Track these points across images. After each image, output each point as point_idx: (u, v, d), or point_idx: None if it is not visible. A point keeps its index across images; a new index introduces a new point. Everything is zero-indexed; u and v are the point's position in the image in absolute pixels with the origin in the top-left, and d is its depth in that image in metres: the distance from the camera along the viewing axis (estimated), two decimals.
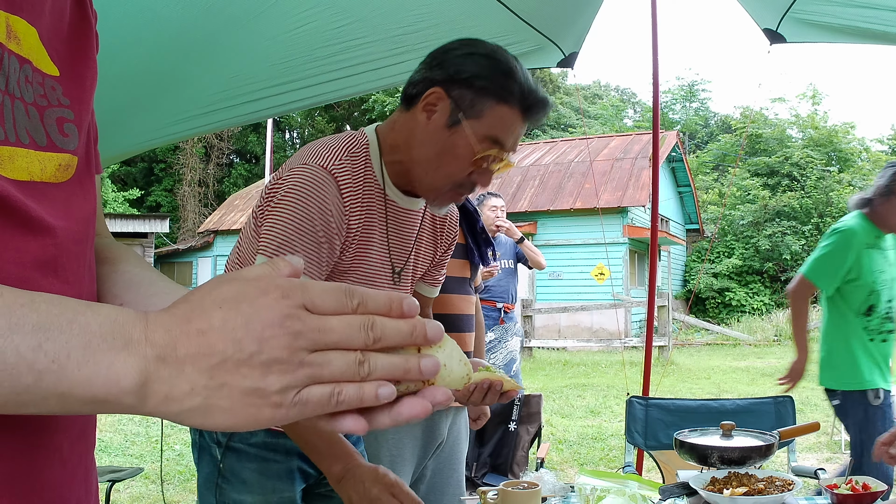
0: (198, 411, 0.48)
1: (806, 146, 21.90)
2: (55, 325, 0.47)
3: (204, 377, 0.48)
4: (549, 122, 33.15)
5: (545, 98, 1.39)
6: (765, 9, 3.01)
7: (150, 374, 0.48)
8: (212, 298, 0.50)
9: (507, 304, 4.96)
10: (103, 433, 6.03)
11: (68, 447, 0.63)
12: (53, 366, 0.46)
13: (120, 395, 0.48)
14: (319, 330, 0.49)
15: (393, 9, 2.71)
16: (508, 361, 4.86)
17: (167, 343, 0.48)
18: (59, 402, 0.48)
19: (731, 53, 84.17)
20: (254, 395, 0.48)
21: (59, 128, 0.65)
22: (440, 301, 2.04)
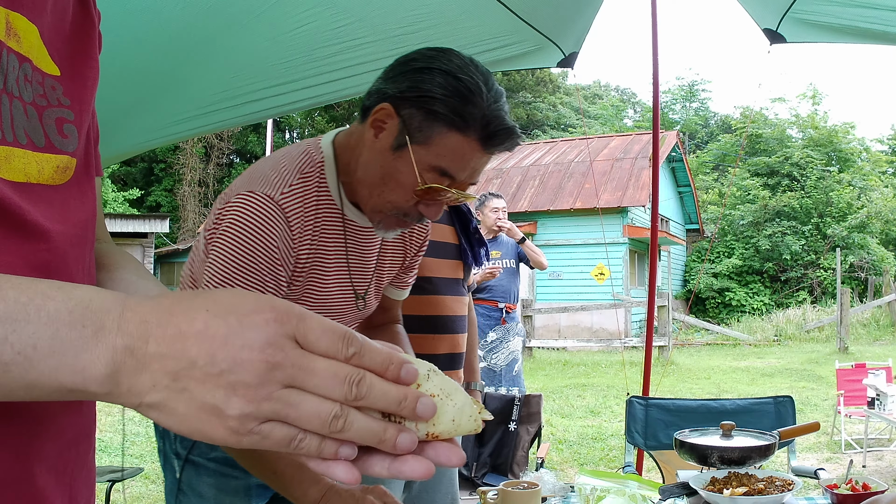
0: (155, 409, 0.47)
1: (806, 146, 21.89)
2: (22, 315, 0.46)
3: (167, 378, 0.46)
4: (549, 122, 33.17)
5: (510, 127, 1.20)
6: (765, 9, 3.01)
7: (117, 365, 0.47)
8: (202, 300, 0.48)
9: (508, 304, 4.94)
10: (103, 433, 6.03)
11: (57, 454, 0.62)
12: (19, 357, 0.45)
13: (87, 385, 0.47)
14: (300, 368, 0.47)
15: (393, 9, 2.71)
16: (510, 362, 4.83)
17: (140, 335, 0.47)
18: (27, 393, 0.47)
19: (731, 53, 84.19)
20: (212, 411, 0.46)
21: (58, 128, 0.64)
22: (433, 303, 2.03)
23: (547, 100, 34.44)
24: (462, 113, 1.17)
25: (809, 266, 19.65)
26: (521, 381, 4.89)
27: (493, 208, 4.90)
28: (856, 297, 17.44)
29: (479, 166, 1.24)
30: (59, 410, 0.63)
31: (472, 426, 0.53)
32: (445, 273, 2.07)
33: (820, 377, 9.27)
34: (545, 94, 34.83)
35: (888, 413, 5.02)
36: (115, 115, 2.83)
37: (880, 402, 5.11)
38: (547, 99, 34.54)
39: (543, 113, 33.74)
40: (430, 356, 2.00)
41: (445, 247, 2.10)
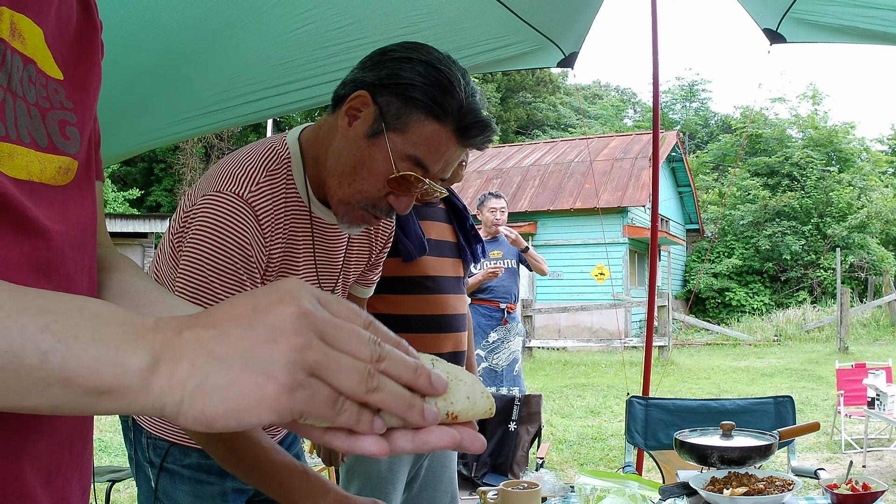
0: (198, 393, 0.45)
1: (806, 146, 21.90)
2: (63, 309, 0.45)
3: (204, 354, 0.45)
4: (549, 122, 33.18)
5: (485, 120, 1.21)
6: (765, 9, 3.01)
7: (157, 356, 0.46)
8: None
9: (510, 304, 4.94)
10: (103, 433, 6.03)
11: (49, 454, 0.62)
12: (60, 346, 0.44)
13: (127, 379, 0.45)
14: (329, 322, 0.47)
15: (393, 9, 2.71)
16: (511, 362, 4.83)
17: (174, 328, 0.47)
18: (63, 390, 0.45)
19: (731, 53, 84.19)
20: (258, 371, 0.44)
21: (60, 130, 0.64)
22: (438, 302, 2.02)
23: (547, 100, 34.45)
24: (441, 102, 1.17)
25: (809, 266, 19.65)
26: (522, 381, 4.91)
27: (492, 208, 4.91)
28: (856, 297, 17.45)
29: (452, 159, 1.23)
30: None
31: (487, 404, 0.55)
32: (448, 272, 2.07)
33: (820, 377, 9.28)
34: (545, 94, 34.83)
35: (888, 413, 5.02)
36: (116, 115, 2.83)
37: (880, 402, 5.11)
38: (547, 99, 34.54)
39: (543, 113, 33.74)
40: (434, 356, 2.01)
41: (446, 245, 2.10)
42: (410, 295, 1.97)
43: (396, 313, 1.95)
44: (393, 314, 1.94)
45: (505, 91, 33.57)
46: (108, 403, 0.46)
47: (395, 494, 1.97)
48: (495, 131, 1.28)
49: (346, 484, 1.99)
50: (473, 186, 16.67)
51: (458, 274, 2.13)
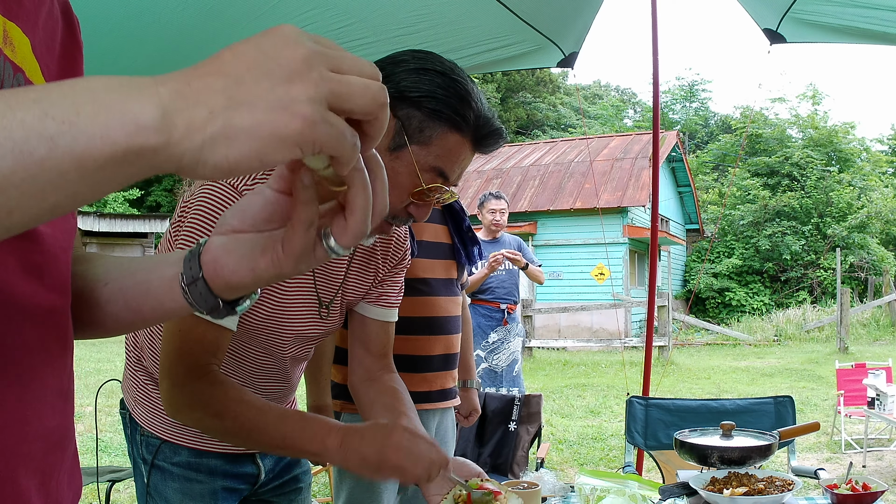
0: (221, 139, 0.45)
1: (806, 146, 21.90)
2: (56, 93, 0.43)
3: (222, 99, 0.45)
4: (549, 122, 33.18)
5: (500, 128, 1.24)
6: (765, 9, 3.01)
7: (167, 107, 0.44)
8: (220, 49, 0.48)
9: (510, 304, 4.92)
10: (103, 433, 6.03)
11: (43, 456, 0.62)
12: (64, 126, 0.42)
13: (142, 135, 0.44)
14: (334, 51, 0.48)
15: (393, 10, 2.71)
16: (511, 363, 4.82)
17: (178, 79, 0.46)
18: (79, 171, 0.43)
19: (731, 53, 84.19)
20: (279, 107, 0.45)
21: None
22: (429, 304, 2.02)
23: (547, 100, 34.44)
24: (462, 113, 1.18)
25: (809, 266, 19.66)
26: (521, 381, 4.92)
27: (491, 209, 4.89)
28: (856, 297, 17.45)
29: (466, 166, 1.25)
30: (47, 412, 0.63)
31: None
32: (440, 273, 2.06)
33: (820, 377, 9.28)
34: (545, 94, 34.82)
35: (888, 413, 5.02)
36: None
37: (880, 402, 5.11)
38: (547, 99, 34.53)
39: (543, 113, 33.74)
40: (425, 357, 2.00)
41: (439, 247, 2.09)
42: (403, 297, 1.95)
43: None
44: None
45: (505, 91, 33.56)
46: (128, 169, 0.45)
47: (386, 495, 1.96)
48: (506, 137, 1.29)
49: (338, 484, 1.99)
50: (473, 186, 16.67)
51: (450, 276, 2.11)
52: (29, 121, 0.42)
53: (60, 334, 0.66)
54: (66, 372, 0.68)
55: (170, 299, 0.72)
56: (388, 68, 1.22)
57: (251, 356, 1.37)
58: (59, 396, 0.65)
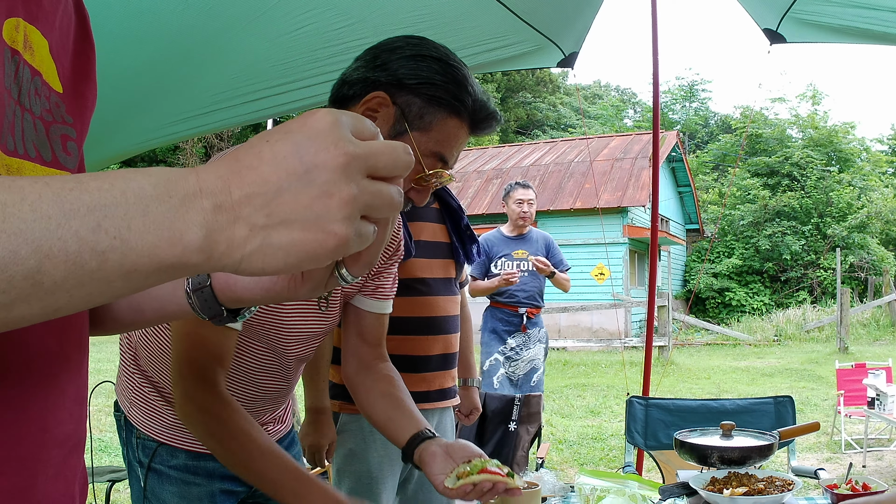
0: (258, 255, 0.47)
1: (806, 146, 21.89)
2: (110, 200, 0.45)
3: (262, 216, 0.46)
4: (549, 122, 33.17)
5: (495, 112, 1.26)
6: (765, 9, 3.02)
7: (210, 226, 0.46)
8: (259, 137, 0.48)
9: (531, 308, 4.46)
10: (103, 433, 6.03)
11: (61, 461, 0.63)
12: (116, 242, 0.44)
13: (186, 255, 0.46)
14: (370, 156, 0.48)
15: (393, 9, 2.71)
16: (529, 371, 4.42)
17: (221, 189, 0.46)
18: (125, 282, 0.46)
19: (731, 53, 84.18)
20: (318, 227, 0.46)
21: (62, 145, 0.64)
22: (427, 304, 2.01)
23: (547, 100, 34.44)
24: (460, 98, 1.20)
25: (809, 266, 19.65)
26: (541, 390, 4.41)
27: (518, 200, 4.39)
28: (856, 297, 17.44)
29: (461, 149, 1.28)
30: (66, 418, 0.64)
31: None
32: (438, 273, 2.05)
33: (820, 377, 9.28)
34: (545, 94, 34.82)
35: (888, 413, 5.02)
36: (115, 115, 2.83)
37: (880, 402, 5.11)
38: (547, 99, 34.53)
39: (543, 113, 33.74)
40: (423, 357, 2.00)
41: (437, 246, 2.08)
42: (401, 297, 1.90)
43: None
44: None
45: (505, 91, 33.56)
46: (167, 278, 0.48)
47: (385, 495, 1.96)
48: (501, 120, 1.32)
49: (337, 484, 1.99)
50: (473, 186, 16.66)
51: (448, 275, 2.10)
52: (83, 233, 0.44)
53: (78, 340, 0.67)
54: (83, 378, 0.68)
55: (173, 302, 0.72)
56: (383, 55, 1.22)
57: (255, 355, 1.36)
58: (76, 402, 0.66)
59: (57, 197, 0.44)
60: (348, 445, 1.96)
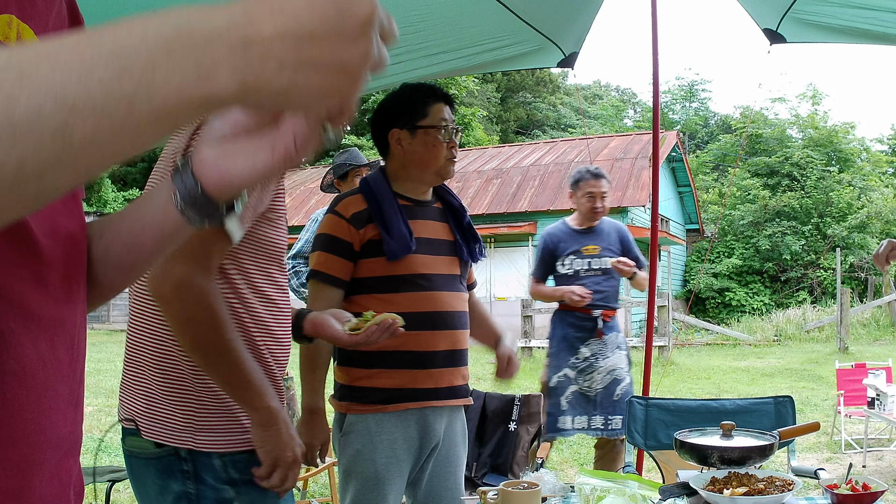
0: (283, 93, 0.47)
1: (806, 146, 21.90)
2: (130, 45, 0.43)
3: (292, 55, 0.45)
4: (549, 122, 33.18)
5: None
6: (765, 9, 3.02)
7: (238, 61, 0.45)
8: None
9: (606, 311, 3.88)
10: (104, 433, 6.02)
11: (56, 463, 0.63)
12: (142, 86, 0.43)
13: (214, 92, 0.45)
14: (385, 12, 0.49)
15: (393, 9, 2.69)
16: (609, 384, 3.74)
17: (250, 22, 0.45)
18: (154, 127, 0.45)
19: (731, 53, 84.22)
20: (341, 69, 0.47)
21: None
22: (431, 299, 2.02)
23: (547, 100, 34.44)
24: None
25: (809, 266, 19.66)
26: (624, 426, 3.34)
27: (589, 193, 3.77)
28: (856, 297, 17.44)
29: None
30: (60, 420, 0.64)
31: None
32: (441, 269, 2.06)
33: (820, 377, 9.27)
34: (545, 94, 34.83)
35: (888, 413, 5.02)
36: None
37: (880, 402, 5.11)
38: (547, 99, 34.54)
39: (543, 113, 33.74)
40: (429, 353, 2.01)
41: (440, 243, 2.10)
42: (403, 293, 1.98)
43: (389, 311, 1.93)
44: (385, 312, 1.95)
45: (505, 91, 33.57)
46: (195, 116, 0.47)
47: (392, 496, 1.96)
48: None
49: (344, 485, 1.99)
50: (473, 186, 16.66)
51: (453, 272, 2.11)
52: (107, 81, 0.42)
53: (70, 343, 0.67)
54: (76, 380, 0.68)
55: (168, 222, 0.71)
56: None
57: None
58: (70, 405, 0.66)
59: (75, 50, 0.42)
60: (355, 446, 1.96)
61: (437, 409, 2.03)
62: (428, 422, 2.02)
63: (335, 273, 1.98)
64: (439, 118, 2.02)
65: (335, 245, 1.98)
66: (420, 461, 2.04)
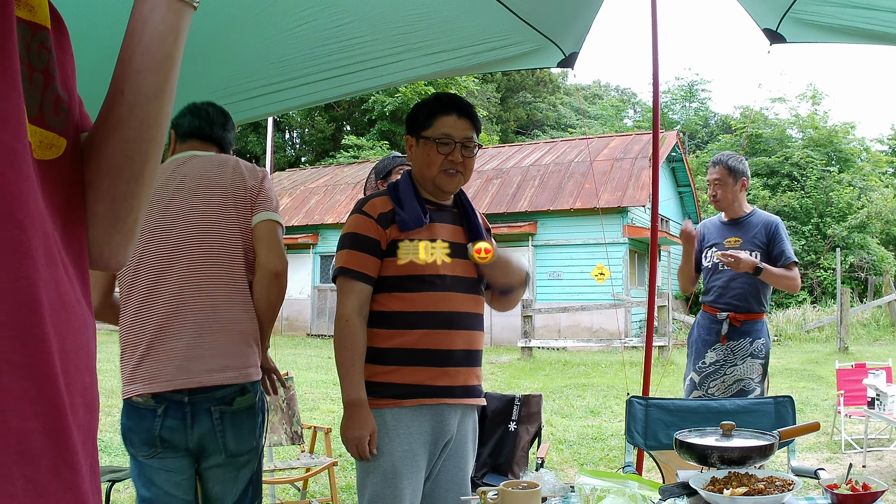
0: None
1: (806, 146, 21.90)
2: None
3: None
4: (549, 122, 33.18)
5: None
6: (765, 9, 3.01)
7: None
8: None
9: (735, 313, 3.46)
10: (103, 433, 6.03)
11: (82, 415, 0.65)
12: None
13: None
14: None
15: (392, 8, 2.70)
16: (736, 394, 3.39)
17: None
18: None
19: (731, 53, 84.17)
20: None
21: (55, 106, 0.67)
22: (447, 299, 2.06)
23: (547, 100, 34.45)
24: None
25: (809, 266, 19.65)
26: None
27: (707, 182, 3.68)
28: (856, 297, 17.44)
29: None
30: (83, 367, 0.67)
31: None
32: (458, 271, 2.10)
33: (820, 377, 9.28)
34: (545, 94, 34.83)
35: (888, 413, 5.02)
36: None
37: (880, 402, 5.11)
38: (547, 99, 34.54)
39: (543, 113, 33.75)
40: (446, 352, 2.05)
41: (458, 246, 2.14)
42: (421, 292, 2.03)
43: (407, 310, 2.03)
44: (404, 311, 2.03)
45: (505, 91, 33.57)
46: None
47: (409, 490, 1.99)
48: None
49: (362, 479, 2.03)
50: (473, 186, 16.66)
51: (470, 275, 2.14)
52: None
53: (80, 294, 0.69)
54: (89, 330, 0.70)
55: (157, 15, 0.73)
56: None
57: None
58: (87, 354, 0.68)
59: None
60: None
61: (451, 407, 2.07)
62: (443, 417, 2.06)
63: (365, 270, 2.03)
64: (441, 132, 2.06)
65: (364, 243, 2.04)
66: (434, 457, 2.08)
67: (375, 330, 2.05)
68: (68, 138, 0.70)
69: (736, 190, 3.62)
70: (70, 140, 0.70)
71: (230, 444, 2.04)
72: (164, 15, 0.73)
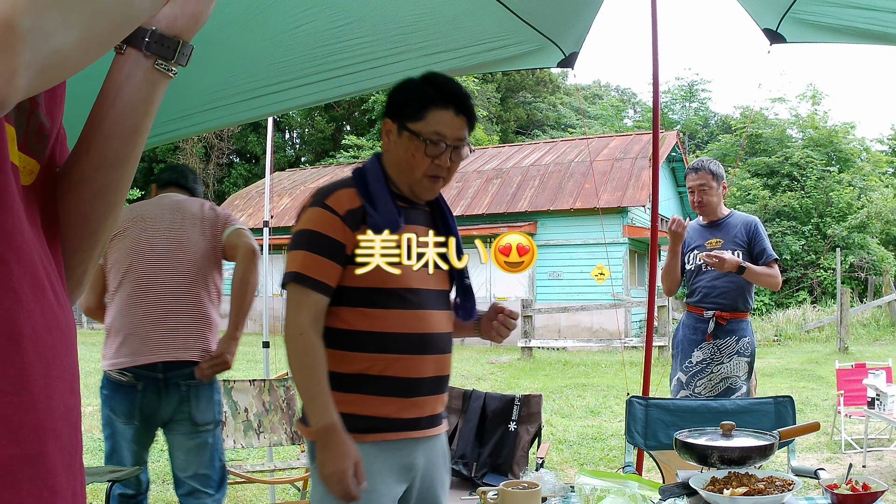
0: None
1: (806, 146, 21.89)
2: None
3: None
4: (549, 122, 33.18)
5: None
6: (765, 9, 3.01)
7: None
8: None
9: (720, 311, 3.52)
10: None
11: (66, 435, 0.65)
12: None
13: None
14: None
15: (392, 8, 2.70)
16: (724, 392, 3.43)
17: None
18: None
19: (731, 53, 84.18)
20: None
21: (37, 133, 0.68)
22: (420, 318, 1.79)
23: (547, 100, 34.44)
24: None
25: (809, 266, 19.65)
26: None
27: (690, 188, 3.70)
28: (856, 297, 17.44)
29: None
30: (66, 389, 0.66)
31: None
32: (430, 284, 1.82)
33: (820, 377, 9.27)
34: (545, 94, 34.82)
35: (888, 413, 5.02)
36: None
37: (880, 402, 5.11)
38: (547, 99, 34.53)
39: (543, 113, 33.74)
40: (415, 380, 1.80)
41: None
42: (391, 310, 1.74)
43: (375, 330, 1.74)
44: (371, 331, 1.74)
45: (505, 91, 33.56)
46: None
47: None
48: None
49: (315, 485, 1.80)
50: (473, 186, 16.66)
51: (442, 287, 1.88)
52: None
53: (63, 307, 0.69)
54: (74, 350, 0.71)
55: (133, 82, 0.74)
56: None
57: None
58: (72, 376, 0.68)
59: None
60: None
61: (417, 440, 1.81)
62: (408, 452, 1.80)
63: (324, 279, 1.69)
64: (433, 129, 1.71)
65: (325, 245, 1.69)
66: (399, 496, 1.81)
67: (334, 351, 1.72)
68: (42, 163, 0.71)
69: (719, 193, 3.68)
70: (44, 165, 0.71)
71: (195, 413, 2.75)
72: (139, 84, 0.73)
